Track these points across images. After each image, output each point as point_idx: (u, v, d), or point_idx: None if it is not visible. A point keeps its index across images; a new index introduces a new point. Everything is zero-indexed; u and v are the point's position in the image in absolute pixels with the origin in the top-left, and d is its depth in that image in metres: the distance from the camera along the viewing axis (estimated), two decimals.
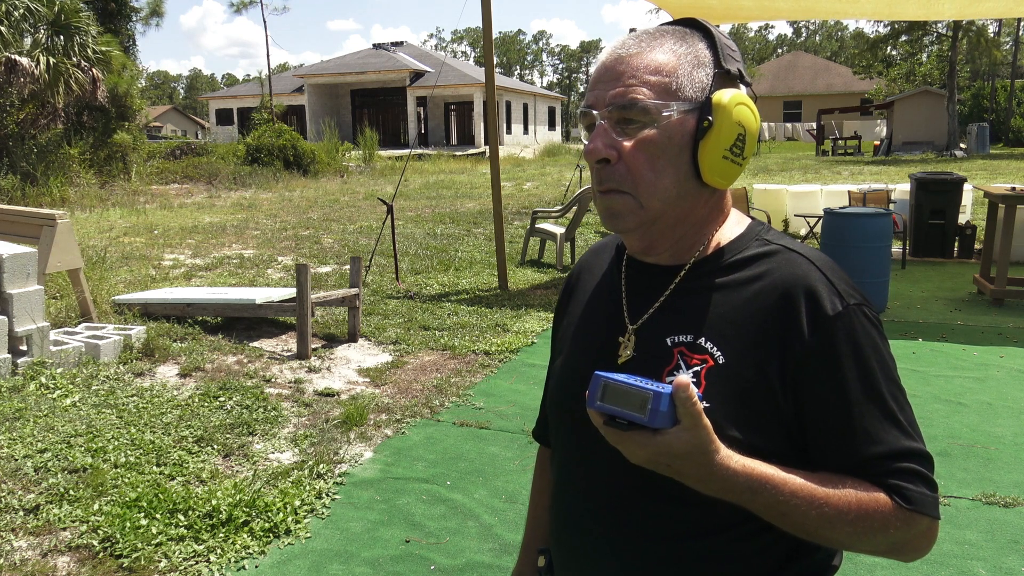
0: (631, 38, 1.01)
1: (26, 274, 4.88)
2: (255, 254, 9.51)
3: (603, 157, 0.98)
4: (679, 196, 1.00)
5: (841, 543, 0.94)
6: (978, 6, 8.41)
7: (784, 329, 0.95)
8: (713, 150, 0.97)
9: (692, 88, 0.98)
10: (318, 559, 2.95)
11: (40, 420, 4.06)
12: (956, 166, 21.51)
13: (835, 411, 0.93)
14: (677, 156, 0.97)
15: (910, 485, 0.92)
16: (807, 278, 0.96)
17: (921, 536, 0.94)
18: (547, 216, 9.67)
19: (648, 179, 0.97)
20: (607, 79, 0.99)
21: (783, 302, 0.96)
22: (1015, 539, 3.06)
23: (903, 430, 0.94)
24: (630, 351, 1.03)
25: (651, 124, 0.96)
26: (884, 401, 0.94)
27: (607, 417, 0.88)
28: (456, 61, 46.73)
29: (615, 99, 0.97)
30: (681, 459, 0.86)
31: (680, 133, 0.97)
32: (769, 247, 1.02)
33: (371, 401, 4.59)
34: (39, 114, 15.57)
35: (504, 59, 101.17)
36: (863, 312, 0.96)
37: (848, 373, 0.93)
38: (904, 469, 0.92)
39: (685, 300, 1.02)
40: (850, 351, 0.93)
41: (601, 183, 0.99)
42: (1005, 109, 38.96)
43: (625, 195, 0.98)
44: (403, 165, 15.59)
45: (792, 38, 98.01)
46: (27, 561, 2.87)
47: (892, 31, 33.80)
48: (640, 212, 0.99)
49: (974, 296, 7.29)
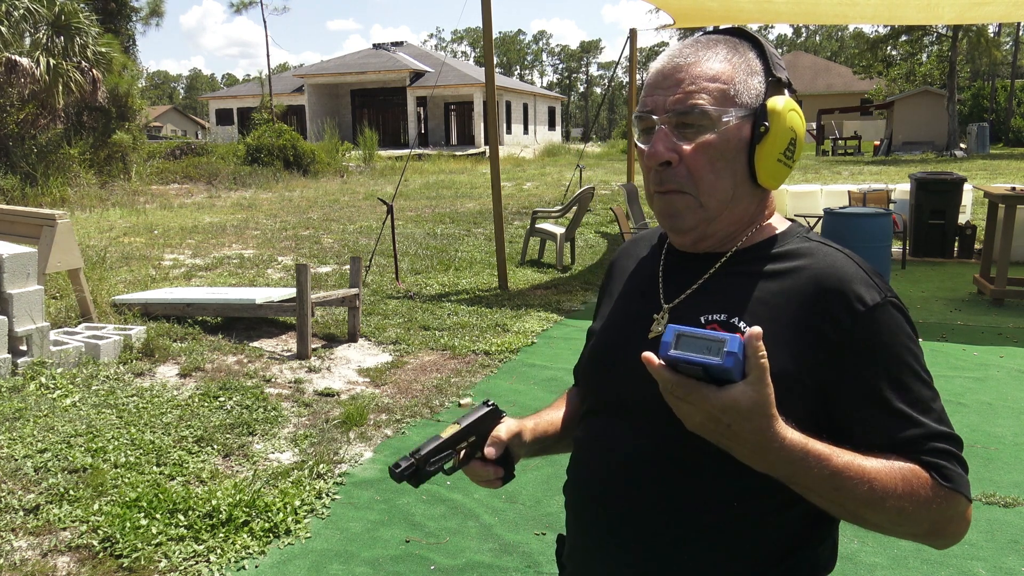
0: (687, 46, 1.05)
1: (26, 274, 4.88)
2: (255, 254, 9.51)
3: (665, 160, 1.02)
4: (735, 197, 1.05)
5: (882, 524, 0.96)
6: (977, 10, 8.41)
7: (820, 318, 0.98)
8: (769, 154, 1.02)
9: (748, 95, 1.03)
10: (318, 559, 2.95)
11: (40, 420, 4.06)
12: (956, 166, 21.51)
13: (873, 395, 0.96)
14: (734, 159, 1.02)
15: (948, 464, 0.95)
16: (846, 271, 1.01)
17: (959, 518, 0.96)
18: (547, 216, 9.67)
19: (708, 180, 1.02)
20: (666, 85, 1.03)
21: (821, 292, 0.99)
22: (1015, 539, 3.06)
23: (937, 416, 0.97)
24: (662, 328, 1.07)
25: (711, 129, 1.01)
26: (919, 388, 0.98)
27: (675, 368, 0.89)
28: (456, 61, 46.73)
29: (676, 104, 1.01)
30: (744, 418, 0.88)
31: (737, 138, 1.02)
32: (809, 244, 1.06)
33: (371, 401, 4.59)
34: (39, 114, 15.56)
35: (504, 59, 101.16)
36: (898, 306, 1.00)
37: (886, 361, 0.97)
38: (941, 449, 0.96)
39: (723, 283, 1.06)
40: (887, 341, 0.97)
41: (661, 184, 1.04)
42: (1005, 109, 38.96)
43: (686, 195, 1.03)
44: (403, 165, 15.60)
45: (792, 38, 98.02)
46: (27, 561, 2.87)
47: (892, 31, 33.80)
48: (699, 211, 1.04)
49: (974, 296, 7.29)
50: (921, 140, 30.65)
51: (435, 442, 1.09)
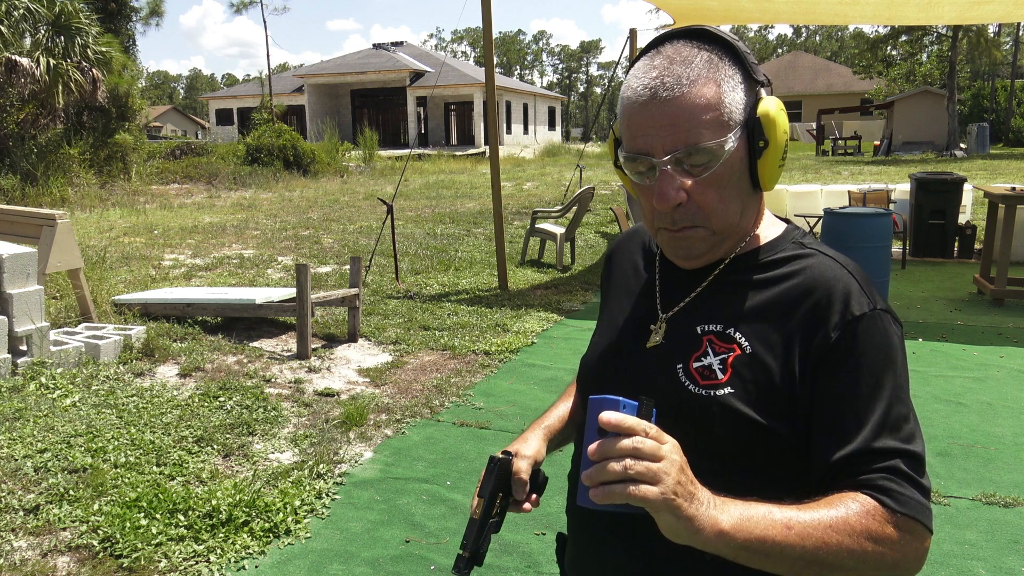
0: (662, 71, 0.98)
1: (26, 274, 4.88)
2: (255, 254, 9.51)
3: (676, 203, 1.00)
4: (742, 212, 1.04)
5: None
6: (977, 9, 8.41)
7: (812, 324, 0.98)
8: (772, 164, 1.01)
9: (736, 111, 1.00)
10: (318, 559, 2.95)
11: (40, 420, 4.06)
12: (956, 166, 21.51)
13: (841, 402, 0.95)
14: (739, 181, 1.01)
15: (899, 488, 0.91)
16: (839, 280, 1.00)
17: (917, 552, 0.91)
18: (547, 216, 9.67)
19: (719, 210, 1.01)
20: (659, 125, 0.98)
21: (814, 300, 0.99)
22: (1015, 539, 3.06)
23: (903, 436, 0.94)
24: (659, 337, 1.07)
25: (715, 161, 0.98)
26: (891, 402, 0.95)
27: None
28: (456, 61, 46.72)
29: (677, 146, 0.97)
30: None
31: (739, 158, 1.00)
32: (804, 250, 1.06)
33: (371, 401, 4.59)
34: (39, 114, 15.56)
35: (504, 59, 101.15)
36: (888, 318, 0.99)
37: (862, 369, 0.95)
38: (894, 469, 0.91)
39: (719, 292, 1.06)
40: (868, 350, 0.95)
41: (675, 224, 1.02)
42: (1005, 109, 38.96)
43: (699, 228, 1.02)
44: (403, 165, 15.60)
45: (792, 38, 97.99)
46: (27, 561, 2.87)
47: (892, 31, 33.80)
48: (711, 238, 1.03)
49: (974, 296, 7.29)
50: (921, 140, 30.66)
51: (473, 527, 1.14)
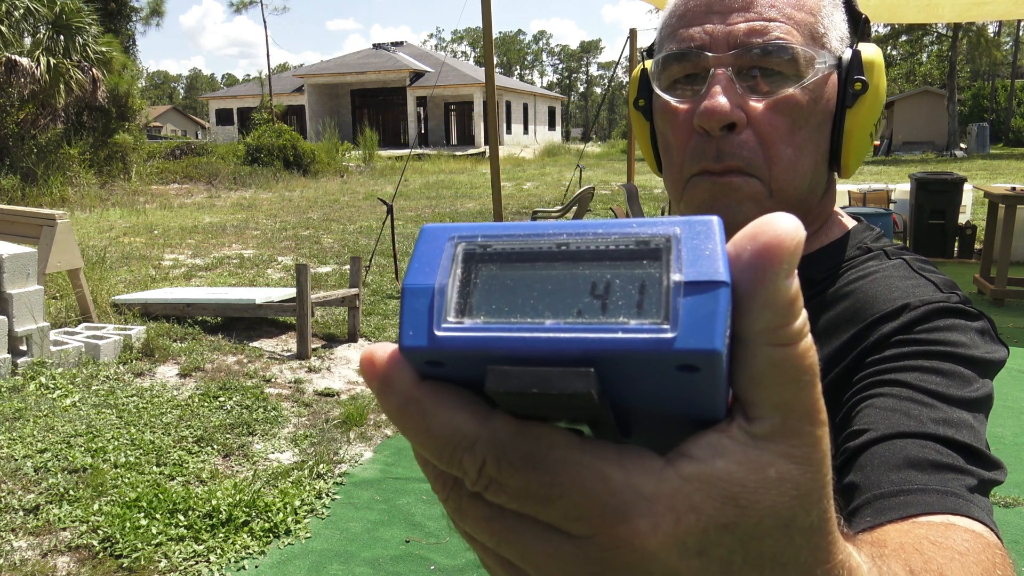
0: None
1: (26, 274, 4.88)
2: (255, 254, 9.51)
3: (731, 121, 0.69)
4: (810, 187, 0.75)
5: None
6: (978, 8, 8.39)
7: (873, 326, 0.76)
8: (864, 123, 0.73)
9: (834, 34, 0.73)
10: (318, 559, 2.95)
11: (40, 420, 4.07)
12: (956, 166, 21.51)
13: (893, 385, 0.72)
14: (817, 129, 0.73)
15: (977, 503, 0.61)
16: (913, 286, 0.77)
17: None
18: (547, 216, 9.67)
19: (787, 158, 0.71)
20: (729, 8, 0.70)
21: (879, 306, 0.77)
22: (1015, 539, 3.05)
23: (970, 434, 0.71)
24: None
25: (794, 80, 0.70)
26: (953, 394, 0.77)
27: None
28: (456, 61, 46.74)
29: (751, 36, 0.69)
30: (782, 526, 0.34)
31: (826, 97, 0.72)
32: (875, 253, 0.83)
33: (371, 401, 4.59)
34: (39, 114, 15.57)
35: (504, 59, 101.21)
36: (964, 311, 0.79)
37: (919, 356, 0.73)
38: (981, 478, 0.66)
39: None
40: (932, 338, 0.76)
41: (720, 158, 0.70)
42: (1005, 109, 38.98)
43: (751, 178, 0.71)
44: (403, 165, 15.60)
45: None
46: (27, 561, 2.87)
47: (892, 31, 33.84)
48: (765, 202, 0.72)
49: (974, 296, 7.29)
50: (921, 140, 30.69)
51: None
